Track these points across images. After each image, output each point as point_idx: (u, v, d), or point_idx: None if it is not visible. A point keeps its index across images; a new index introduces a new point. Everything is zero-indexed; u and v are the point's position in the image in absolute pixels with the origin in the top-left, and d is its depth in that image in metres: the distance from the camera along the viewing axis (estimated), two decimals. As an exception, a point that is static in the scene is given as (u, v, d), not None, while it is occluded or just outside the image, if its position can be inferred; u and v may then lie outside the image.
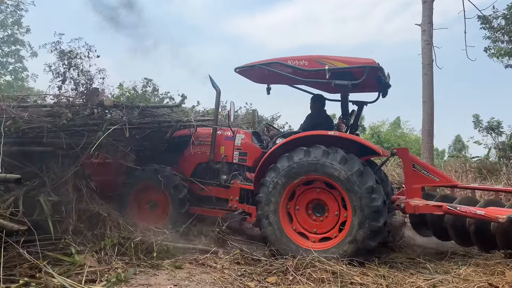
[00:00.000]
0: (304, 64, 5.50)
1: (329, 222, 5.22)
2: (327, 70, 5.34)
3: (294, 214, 5.37)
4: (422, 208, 5.09)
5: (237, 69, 6.13)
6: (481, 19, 14.92)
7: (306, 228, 5.31)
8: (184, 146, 6.71)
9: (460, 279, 4.04)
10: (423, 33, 10.34)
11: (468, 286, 3.67)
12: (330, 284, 4.09)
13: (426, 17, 10.33)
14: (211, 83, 6.42)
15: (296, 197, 5.38)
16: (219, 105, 6.56)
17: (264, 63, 5.81)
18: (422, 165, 5.62)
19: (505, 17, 15.13)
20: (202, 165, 6.60)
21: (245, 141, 6.46)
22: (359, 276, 4.40)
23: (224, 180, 6.29)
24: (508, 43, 15.45)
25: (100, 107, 5.69)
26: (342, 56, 5.48)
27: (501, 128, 14.11)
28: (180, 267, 4.49)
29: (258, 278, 4.40)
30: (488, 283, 3.57)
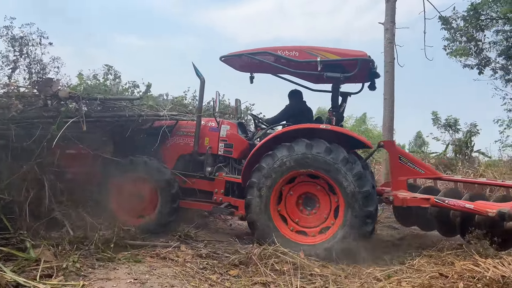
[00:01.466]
0: (295, 55, 5.43)
1: (322, 212, 5.24)
2: (319, 62, 5.29)
3: (287, 214, 5.34)
4: (410, 201, 5.15)
5: (222, 57, 5.99)
6: (441, 20, 15.47)
7: (303, 224, 5.28)
8: (166, 136, 6.31)
9: (413, 270, 4.22)
10: (385, 31, 10.59)
11: (421, 276, 3.83)
12: (291, 275, 4.16)
13: (389, 16, 10.58)
14: (195, 71, 6.17)
15: (284, 197, 5.36)
16: (203, 94, 6.27)
17: (252, 52, 5.71)
18: (408, 157, 5.68)
19: (464, 18, 15.76)
20: (185, 157, 6.36)
21: (230, 132, 6.25)
22: (319, 268, 4.51)
23: (209, 172, 6.07)
24: (466, 43, 16.11)
25: (54, 98, 5.28)
26: (333, 47, 5.44)
27: (458, 126, 14.73)
28: (141, 261, 4.44)
29: (220, 271, 4.42)
30: (439, 272, 3.74)
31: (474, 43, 16.07)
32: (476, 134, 13.99)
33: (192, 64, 6.16)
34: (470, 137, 13.77)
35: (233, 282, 4.09)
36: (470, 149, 13.45)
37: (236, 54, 5.85)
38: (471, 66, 16.34)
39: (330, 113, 5.78)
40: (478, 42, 16.08)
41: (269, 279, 4.09)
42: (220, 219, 7.50)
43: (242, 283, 4.02)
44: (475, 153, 13.72)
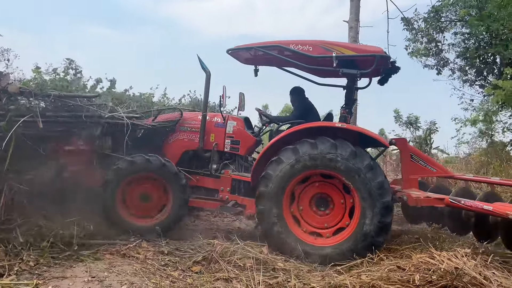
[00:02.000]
0: (309, 49, 5.21)
1: (336, 212, 5.08)
2: (335, 58, 5.06)
3: (300, 215, 5.15)
4: (424, 201, 4.98)
5: (229, 50, 5.78)
6: (403, 21, 15.90)
7: (315, 225, 5.11)
8: (168, 132, 6.17)
9: (373, 263, 4.31)
10: (350, 29, 10.79)
11: (379, 269, 3.91)
12: (253, 270, 4.16)
13: (353, 15, 10.79)
14: (200, 64, 5.92)
15: (297, 197, 5.16)
16: (209, 89, 5.99)
17: (263, 45, 5.52)
18: (420, 155, 5.54)
19: (425, 20, 16.25)
20: (189, 153, 6.11)
21: (237, 128, 6.02)
22: (282, 263, 4.53)
23: (215, 169, 5.89)
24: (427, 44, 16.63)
25: (3, 93, 4.89)
26: (348, 43, 5.34)
27: (419, 123, 15.23)
28: (100, 258, 4.33)
29: (182, 267, 4.37)
30: (397, 265, 3.84)
31: (434, 44, 16.62)
32: (435, 131, 14.52)
33: (198, 57, 5.93)
34: (429, 135, 14.26)
35: (195, 278, 4.05)
36: (430, 146, 13.93)
37: (245, 47, 5.67)
38: (431, 67, 16.90)
39: (344, 110, 5.58)
40: (438, 43, 16.64)
41: (231, 274, 4.08)
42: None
43: (205, 279, 3.99)
44: (434, 150, 14.24)
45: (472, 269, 3.40)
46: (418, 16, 16.23)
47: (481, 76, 16.11)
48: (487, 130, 14.99)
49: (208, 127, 6.01)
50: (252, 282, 3.88)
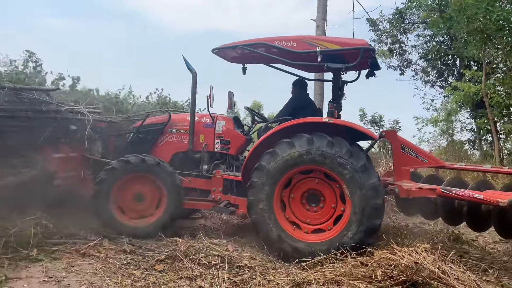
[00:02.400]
0: (293, 45, 5.16)
1: (323, 213, 5.00)
2: (319, 52, 5.02)
3: (288, 202, 5.08)
4: (415, 192, 4.89)
5: (214, 49, 5.69)
6: (369, 22, 16.24)
7: (299, 217, 5.05)
8: (157, 135, 6.14)
9: (337, 259, 4.37)
10: (317, 28, 10.91)
11: (343, 265, 3.97)
12: (218, 268, 4.12)
13: (320, 13, 10.91)
14: (186, 65, 5.87)
15: (292, 185, 5.08)
16: (195, 89, 5.93)
17: (246, 44, 5.45)
18: (411, 147, 5.46)
19: (390, 21, 16.68)
20: (179, 155, 6.08)
21: (226, 128, 6.00)
22: (247, 260, 4.51)
23: (206, 170, 5.86)
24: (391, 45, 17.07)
25: None
26: (332, 37, 5.25)
27: (383, 122, 15.61)
28: (58, 258, 4.17)
29: (145, 266, 4.28)
30: (360, 261, 3.91)
31: (398, 45, 17.08)
32: (399, 130, 14.91)
33: (183, 58, 5.88)
34: (393, 133, 14.59)
35: (158, 277, 3.98)
36: (393, 144, 14.27)
37: (230, 46, 5.60)
38: (394, 67, 17.36)
39: (331, 105, 5.52)
40: (401, 44, 17.11)
41: (195, 273, 4.03)
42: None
43: (168, 278, 3.92)
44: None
45: (431, 264, 3.50)
46: (383, 17, 16.65)
47: (442, 77, 16.71)
48: (448, 129, 15.58)
49: (197, 128, 5.97)
50: (216, 280, 3.85)
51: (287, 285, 3.64)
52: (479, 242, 5.87)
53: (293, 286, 3.65)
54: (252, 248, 5.09)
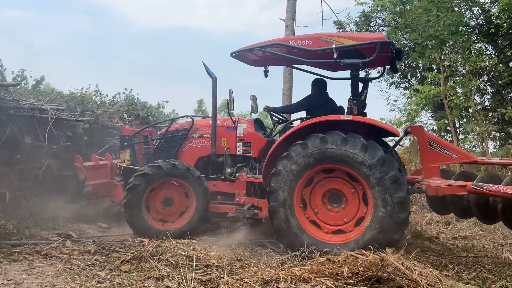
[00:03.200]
0: (309, 43, 5.11)
1: (346, 214, 4.93)
2: (335, 49, 4.94)
3: (309, 201, 5.05)
4: (444, 189, 4.67)
5: (233, 53, 5.70)
6: (336, 24, 16.50)
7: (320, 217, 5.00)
8: (182, 140, 6.29)
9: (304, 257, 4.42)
10: (286, 28, 10.97)
11: (311, 263, 4.01)
12: (185, 268, 4.07)
13: (289, 13, 10.99)
14: (206, 71, 5.92)
15: (314, 184, 5.05)
16: (216, 94, 5.98)
17: (262, 45, 5.44)
18: (439, 142, 5.18)
19: (356, 24, 17.00)
20: (203, 159, 6.20)
21: (247, 130, 6.04)
22: (215, 259, 4.49)
23: (229, 173, 5.92)
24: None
25: None
26: (349, 33, 5.20)
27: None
28: (18, 259, 4.00)
29: (111, 266, 4.18)
30: (327, 258, 3.96)
31: (364, 47, 17.42)
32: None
33: (203, 63, 5.98)
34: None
35: (124, 277, 3.89)
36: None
37: (247, 49, 5.60)
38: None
39: (350, 102, 5.39)
40: (367, 46, 17.45)
41: (163, 273, 3.97)
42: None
43: (134, 278, 3.85)
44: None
45: (395, 260, 3.59)
46: (350, 19, 16.95)
47: (405, 79, 17.19)
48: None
49: (219, 131, 6.07)
50: (184, 280, 3.80)
51: (255, 283, 3.63)
52: (439, 238, 6.10)
53: (261, 284, 3.64)
54: (220, 247, 5.07)
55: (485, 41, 12.56)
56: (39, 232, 5.11)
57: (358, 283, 3.36)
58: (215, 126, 6.02)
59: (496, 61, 11.58)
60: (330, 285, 3.37)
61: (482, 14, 12.95)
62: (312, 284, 3.54)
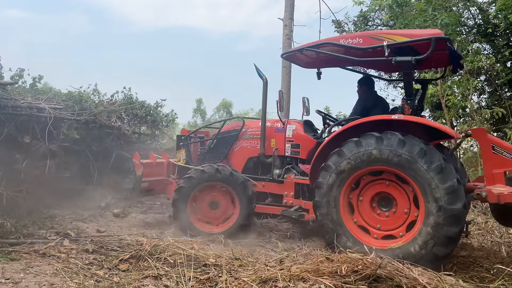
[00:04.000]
0: (359, 42, 4.94)
1: (395, 219, 4.66)
2: (386, 46, 4.74)
3: (357, 205, 4.83)
4: (507, 197, 4.22)
5: (283, 55, 5.72)
6: (334, 23, 16.49)
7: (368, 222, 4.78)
8: (233, 141, 6.41)
9: (303, 255, 4.43)
10: (284, 27, 10.96)
11: (308, 261, 4.02)
12: (184, 267, 4.07)
13: (288, 13, 10.98)
14: (257, 72, 5.98)
15: (361, 187, 4.83)
16: (266, 95, 6.03)
17: (312, 45, 5.34)
18: (504, 146, 4.69)
19: (354, 23, 17.01)
20: (253, 159, 6.27)
21: (296, 132, 6.02)
22: (214, 258, 4.49)
23: (277, 174, 5.95)
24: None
25: None
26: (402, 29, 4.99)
27: (346, 122, 15.90)
28: (15, 258, 3.99)
29: (109, 266, 4.18)
30: (326, 257, 3.96)
31: (362, 46, 17.42)
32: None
33: (254, 66, 6.03)
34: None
35: (122, 276, 3.89)
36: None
37: (297, 49, 5.57)
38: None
39: (403, 101, 5.14)
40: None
41: (161, 272, 3.97)
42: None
43: (132, 277, 3.84)
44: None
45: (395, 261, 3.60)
46: (349, 19, 16.95)
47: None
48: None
49: (268, 133, 6.11)
50: (182, 279, 3.80)
51: (253, 282, 3.64)
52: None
53: (260, 283, 3.65)
54: (218, 246, 5.08)
55: (482, 41, 12.58)
56: (37, 231, 5.10)
57: (356, 282, 3.37)
58: (264, 127, 6.06)
59: (494, 61, 11.61)
60: (328, 284, 3.37)
61: (480, 14, 12.96)
62: (311, 283, 3.54)
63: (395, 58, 4.79)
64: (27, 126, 6.14)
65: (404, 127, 4.64)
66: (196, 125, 42.54)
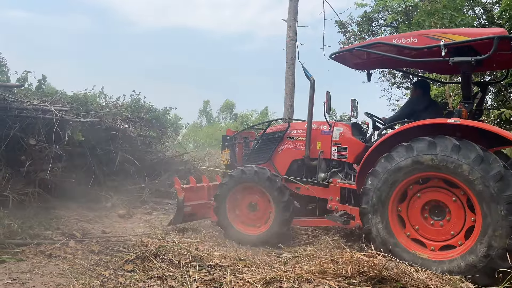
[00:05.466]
0: (414, 41, 4.64)
1: (451, 227, 4.33)
2: (443, 46, 4.42)
3: (407, 217, 4.55)
4: None
5: (332, 55, 5.53)
6: (338, 24, 16.52)
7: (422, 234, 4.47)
8: (277, 142, 6.28)
9: (307, 256, 4.43)
10: (288, 28, 10.99)
11: (313, 262, 4.02)
12: (189, 267, 4.09)
13: (291, 14, 11.01)
14: (304, 73, 5.89)
15: (409, 198, 4.56)
16: (313, 96, 5.88)
17: (363, 45, 5.19)
18: None
19: (358, 24, 17.03)
20: (297, 162, 6.10)
21: (344, 134, 5.75)
22: (218, 259, 4.50)
23: (322, 178, 5.74)
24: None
25: None
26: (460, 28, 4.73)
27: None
28: (22, 259, 4.03)
29: (114, 266, 4.21)
30: (331, 258, 3.96)
31: (366, 47, 17.41)
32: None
33: (302, 66, 5.96)
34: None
35: (128, 277, 3.91)
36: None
37: (347, 49, 5.42)
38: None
39: (461, 105, 4.79)
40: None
41: (166, 272, 3.98)
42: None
43: (138, 278, 3.86)
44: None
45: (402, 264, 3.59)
46: (352, 20, 16.98)
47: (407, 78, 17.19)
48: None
49: (314, 135, 5.92)
50: (187, 279, 3.82)
51: (258, 283, 3.64)
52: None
53: (264, 284, 3.65)
54: (223, 247, 5.09)
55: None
56: (43, 232, 5.15)
57: (361, 283, 3.36)
58: (310, 128, 5.88)
59: (499, 61, 11.57)
60: (333, 285, 3.37)
61: (484, 14, 12.94)
62: (315, 284, 3.55)
63: (452, 59, 4.45)
64: (33, 128, 6.17)
65: (460, 132, 4.37)
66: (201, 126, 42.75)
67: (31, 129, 6.22)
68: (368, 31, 17.00)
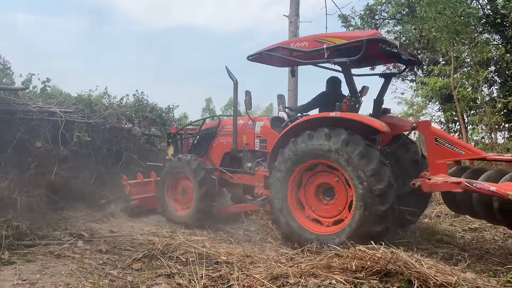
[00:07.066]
0: (305, 45, 5.35)
1: (339, 203, 5.04)
2: (326, 49, 5.10)
3: (305, 201, 5.30)
4: (440, 186, 4.55)
5: (249, 57, 6.06)
6: (341, 18, 16.42)
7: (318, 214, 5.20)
8: (211, 137, 7.06)
9: (312, 251, 4.45)
10: (290, 24, 10.97)
11: (318, 257, 4.04)
12: (196, 265, 4.12)
13: (293, 9, 10.98)
14: (227, 73, 6.41)
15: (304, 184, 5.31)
16: (237, 95, 6.52)
17: (269, 49, 5.78)
18: (446, 138, 4.97)
19: (361, 17, 16.91)
20: (229, 154, 6.80)
21: (264, 128, 6.42)
22: (225, 256, 4.54)
23: (249, 168, 6.40)
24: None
25: None
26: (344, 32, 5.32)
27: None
28: (31, 260, 4.08)
29: (122, 265, 4.25)
30: (335, 253, 3.98)
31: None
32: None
33: (226, 67, 6.44)
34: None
35: (136, 275, 3.95)
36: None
37: (258, 52, 5.96)
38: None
39: (346, 99, 5.44)
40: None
41: (173, 270, 4.02)
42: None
43: (146, 276, 3.90)
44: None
45: (405, 254, 3.60)
46: (355, 13, 16.87)
47: (412, 72, 17.08)
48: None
49: (240, 129, 6.60)
50: (195, 277, 3.85)
51: (264, 279, 3.67)
52: (449, 231, 6.08)
53: (271, 280, 3.68)
54: (229, 244, 5.12)
55: (491, 31, 12.43)
56: (52, 233, 5.20)
57: (367, 277, 3.38)
58: (236, 124, 6.53)
59: (504, 51, 11.46)
60: (340, 279, 3.39)
61: (488, 4, 12.81)
62: (322, 279, 3.56)
63: (334, 60, 5.20)
64: (39, 130, 6.23)
65: (346, 124, 4.90)
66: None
67: (36, 131, 6.28)
68: (372, 24, 16.89)
